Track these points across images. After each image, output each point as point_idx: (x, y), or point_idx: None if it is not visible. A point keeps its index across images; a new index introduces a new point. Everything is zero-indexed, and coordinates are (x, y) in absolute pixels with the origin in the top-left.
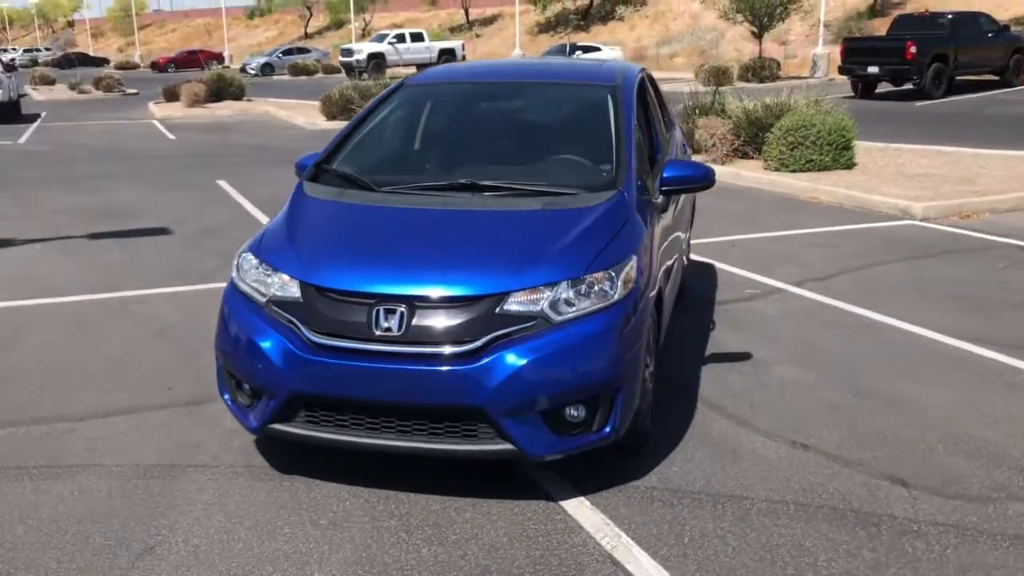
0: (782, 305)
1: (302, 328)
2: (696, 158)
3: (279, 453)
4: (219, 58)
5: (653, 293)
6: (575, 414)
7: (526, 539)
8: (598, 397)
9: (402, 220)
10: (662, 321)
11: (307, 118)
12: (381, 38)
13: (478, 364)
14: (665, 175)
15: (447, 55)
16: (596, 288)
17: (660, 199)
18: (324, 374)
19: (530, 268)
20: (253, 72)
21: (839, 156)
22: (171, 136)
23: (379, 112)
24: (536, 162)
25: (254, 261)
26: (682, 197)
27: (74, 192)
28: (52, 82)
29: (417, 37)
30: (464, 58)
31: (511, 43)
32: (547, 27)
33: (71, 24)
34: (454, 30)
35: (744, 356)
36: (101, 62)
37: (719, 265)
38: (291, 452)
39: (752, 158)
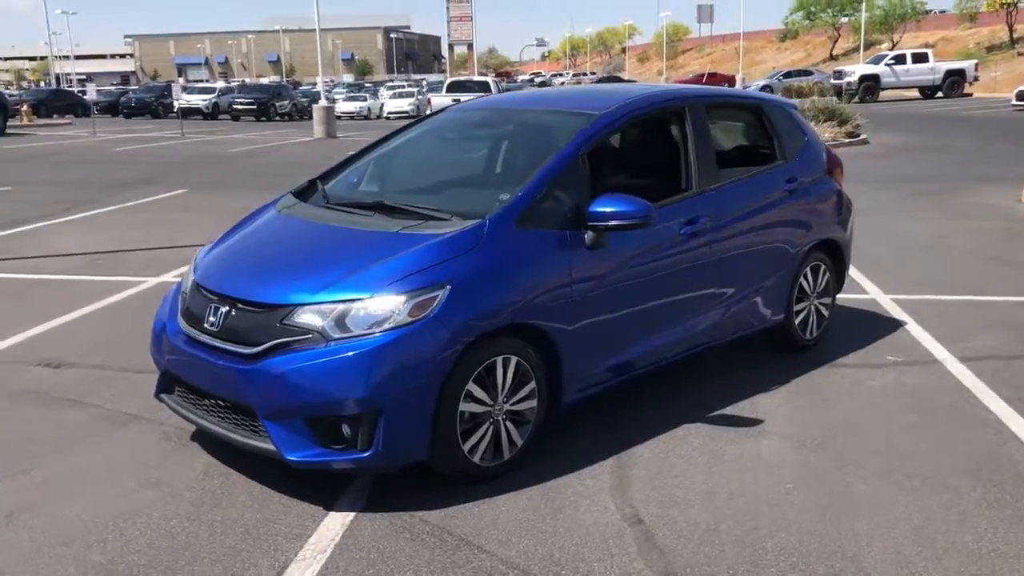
0: (913, 384)
1: (178, 314)
2: None
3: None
4: (731, 81)
5: (494, 326)
6: (346, 430)
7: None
8: (359, 417)
9: (288, 232)
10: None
11: None
12: (878, 59)
13: (255, 366)
14: (589, 209)
15: (954, 76)
16: (381, 311)
17: (588, 235)
18: (177, 357)
19: (330, 285)
20: None
21: None
22: None
23: (399, 135)
24: (457, 186)
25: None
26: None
27: None
28: None
29: (920, 58)
30: (975, 80)
31: None
32: None
33: (624, 50)
34: (992, 49)
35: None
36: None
37: (908, 322)
38: None
39: None
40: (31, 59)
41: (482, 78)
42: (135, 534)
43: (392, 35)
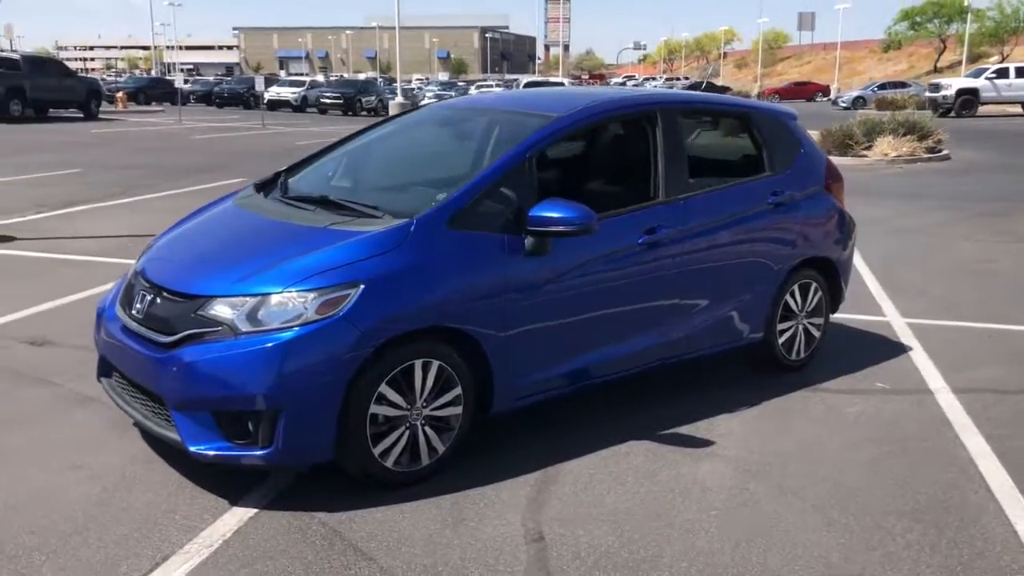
0: (892, 413)
1: (117, 300)
2: None
3: None
4: (826, 91)
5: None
6: (250, 426)
7: None
8: (260, 414)
9: (230, 223)
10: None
11: None
12: (979, 72)
13: (167, 355)
14: (528, 214)
15: None
16: (289, 306)
17: (528, 240)
18: (110, 341)
19: (245, 278)
20: (844, 105)
21: None
22: None
23: (369, 131)
24: (403, 184)
25: None
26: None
27: None
28: None
29: None
30: None
31: None
32: None
33: (722, 56)
34: None
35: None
36: (723, 90)
37: (914, 347)
38: None
39: None
40: (144, 48)
41: (558, 79)
42: (37, 515)
43: (488, 35)
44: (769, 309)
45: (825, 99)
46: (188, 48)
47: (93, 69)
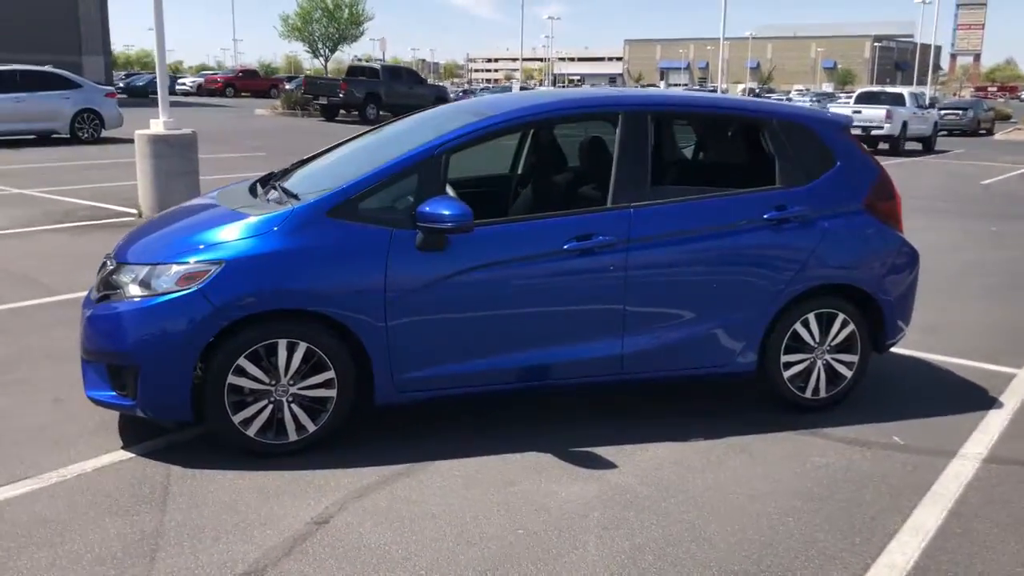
0: (865, 474)
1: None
2: None
3: None
4: None
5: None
6: (125, 379)
7: None
8: (125, 369)
9: (194, 209)
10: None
11: None
12: None
13: (87, 312)
14: (415, 209)
15: None
16: (163, 277)
17: (418, 235)
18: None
19: (152, 251)
20: None
21: None
22: None
23: (376, 130)
24: (341, 176)
25: None
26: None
27: None
28: None
29: None
30: None
31: None
32: None
33: None
34: None
35: None
36: None
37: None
38: None
39: None
40: (540, 60)
41: (897, 90)
42: None
43: (877, 44)
44: (760, 334)
45: None
46: (581, 60)
47: (494, 80)
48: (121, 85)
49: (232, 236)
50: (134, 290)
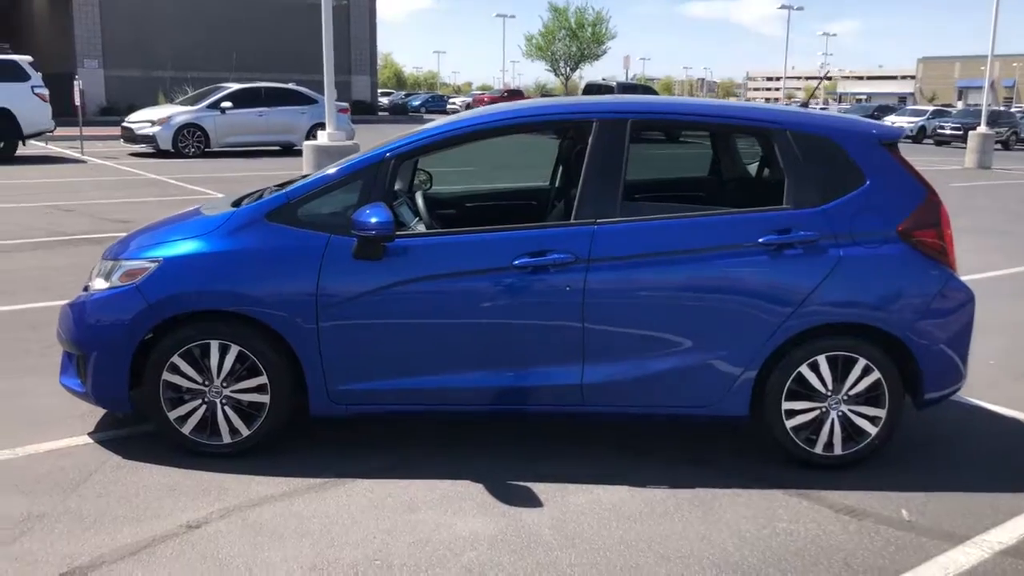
0: (828, 548)
1: None
2: None
3: None
4: None
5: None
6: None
7: None
8: (81, 358)
9: (182, 215)
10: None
11: None
12: None
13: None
14: (352, 216)
15: None
16: (115, 273)
17: (355, 243)
18: None
19: (118, 250)
20: None
21: None
22: None
23: None
24: None
25: None
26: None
27: None
28: None
29: None
30: None
31: None
32: None
33: None
34: None
35: None
36: None
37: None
38: None
39: None
40: (827, 79)
41: None
42: None
43: None
44: (754, 377)
45: None
46: (869, 78)
47: (774, 99)
48: (385, 102)
49: (175, 236)
50: (98, 283)
